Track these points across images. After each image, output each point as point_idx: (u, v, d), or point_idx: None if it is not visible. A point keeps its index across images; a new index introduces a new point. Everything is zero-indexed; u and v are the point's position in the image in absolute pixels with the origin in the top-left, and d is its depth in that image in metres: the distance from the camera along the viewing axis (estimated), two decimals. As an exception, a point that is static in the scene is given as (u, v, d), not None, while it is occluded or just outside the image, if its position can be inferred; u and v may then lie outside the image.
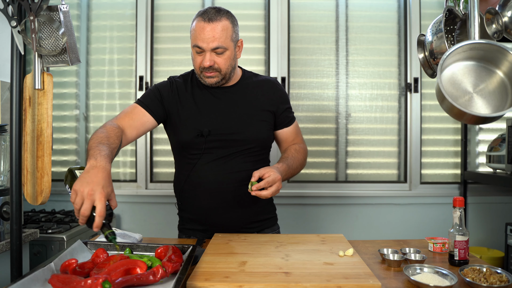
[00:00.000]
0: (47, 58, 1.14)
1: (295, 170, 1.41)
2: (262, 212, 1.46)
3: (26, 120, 1.15)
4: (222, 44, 1.28)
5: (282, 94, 1.48)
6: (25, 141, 1.14)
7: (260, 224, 1.46)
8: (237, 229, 1.40)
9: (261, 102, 1.42)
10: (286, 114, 1.47)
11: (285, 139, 1.51)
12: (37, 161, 1.14)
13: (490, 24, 1.15)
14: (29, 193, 1.15)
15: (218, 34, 1.28)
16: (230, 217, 1.39)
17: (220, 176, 1.36)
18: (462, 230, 1.12)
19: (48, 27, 1.11)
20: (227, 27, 1.31)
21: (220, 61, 1.31)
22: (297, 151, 1.45)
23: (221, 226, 1.39)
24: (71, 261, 0.91)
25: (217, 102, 1.39)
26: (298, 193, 2.45)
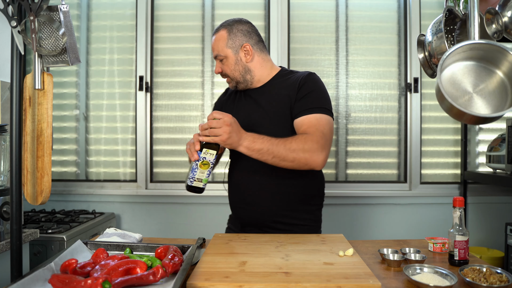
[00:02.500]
0: (47, 58, 1.14)
1: (272, 148, 1.25)
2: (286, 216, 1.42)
3: (26, 120, 1.15)
4: (219, 52, 1.41)
5: (307, 83, 1.38)
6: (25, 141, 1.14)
7: (284, 227, 1.42)
8: (257, 226, 1.44)
9: (283, 99, 1.38)
10: (299, 104, 1.35)
11: (297, 129, 1.36)
12: (37, 161, 1.14)
13: (490, 24, 1.15)
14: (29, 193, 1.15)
15: (215, 44, 1.43)
16: (249, 212, 1.45)
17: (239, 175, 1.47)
18: (462, 230, 1.12)
19: (48, 27, 1.11)
20: (222, 37, 1.41)
21: (225, 68, 1.43)
22: (293, 137, 1.29)
23: (244, 219, 1.47)
24: (71, 261, 0.91)
25: (243, 103, 1.49)
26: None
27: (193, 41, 2.53)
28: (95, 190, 2.48)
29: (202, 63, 2.53)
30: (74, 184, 2.52)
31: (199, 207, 2.47)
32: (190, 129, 2.53)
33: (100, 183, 2.52)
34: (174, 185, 2.51)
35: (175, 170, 2.53)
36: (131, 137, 2.53)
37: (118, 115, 2.54)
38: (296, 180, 1.41)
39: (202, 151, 1.26)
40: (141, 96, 2.50)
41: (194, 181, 1.33)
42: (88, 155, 2.55)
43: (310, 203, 1.46)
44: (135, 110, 2.51)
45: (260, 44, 1.45)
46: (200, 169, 1.31)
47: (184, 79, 2.53)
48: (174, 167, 2.53)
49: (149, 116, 2.52)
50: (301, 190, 1.43)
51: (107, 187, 2.51)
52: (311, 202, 1.47)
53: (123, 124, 2.54)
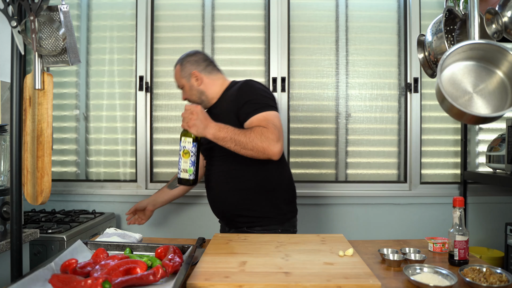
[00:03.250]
0: (47, 58, 1.14)
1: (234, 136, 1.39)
2: (247, 209, 1.58)
3: (26, 120, 1.15)
4: (178, 83, 1.71)
5: (242, 92, 1.55)
6: (25, 141, 1.14)
7: (248, 220, 1.59)
8: (226, 220, 1.67)
9: (229, 108, 1.56)
10: (244, 110, 1.49)
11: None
12: (37, 161, 1.14)
13: (490, 24, 1.15)
14: (29, 193, 1.15)
15: (175, 78, 1.73)
16: (216, 209, 1.68)
17: (209, 175, 1.68)
18: (462, 230, 1.12)
19: (48, 27, 1.11)
20: (177, 71, 1.70)
21: (185, 94, 1.70)
22: (252, 128, 1.43)
23: (218, 215, 1.72)
24: (71, 261, 0.91)
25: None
26: (298, 193, 2.44)
27: (193, 41, 2.53)
28: (95, 190, 2.48)
29: (202, 63, 2.53)
30: (74, 184, 2.52)
31: (199, 207, 2.47)
32: (190, 129, 2.53)
33: (100, 183, 2.52)
34: (174, 185, 2.50)
35: (175, 170, 2.53)
36: (131, 137, 2.53)
37: (118, 115, 2.54)
38: (255, 176, 1.57)
39: (181, 140, 1.42)
40: (141, 96, 2.50)
41: (181, 172, 1.44)
42: (88, 155, 2.55)
43: (272, 197, 1.59)
44: (135, 110, 2.51)
45: (209, 67, 1.69)
46: (183, 158, 1.42)
47: (184, 79, 2.53)
48: (174, 167, 2.53)
49: (149, 116, 2.52)
50: (259, 184, 1.57)
51: (107, 187, 2.51)
52: (272, 195, 1.60)
53: (123, 124, 2.54)
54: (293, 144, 2.51)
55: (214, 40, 2.53)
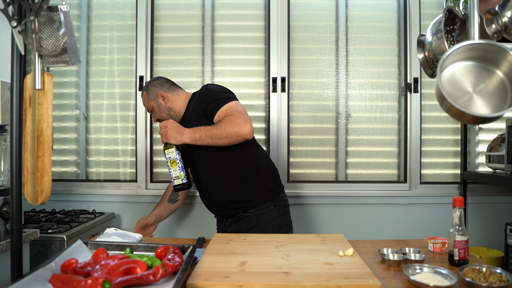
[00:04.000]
0: (47, 58, 1.14)
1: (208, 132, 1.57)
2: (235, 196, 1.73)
3: (26, 120, 1.15)
4: (147, 107, 1.88)
5: (201, 96, 1.73)
6: (25, 141, 1.14)
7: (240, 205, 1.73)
8: (221, 211, 1.81)
9: (196, 113, 1.72)
10: (209, 109, 1.67)
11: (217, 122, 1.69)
12: (37, 161, 1.14)
13: (490, 24, 1.15)
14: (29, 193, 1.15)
15: (143, 103, 1.91)
16: (209, 203, 1.83)
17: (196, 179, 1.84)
18: (462, 230, 1.12)
19: (48, 27, 1.11)
20: (144, 96, 1.88)
21: (156, 115, 1.86)
22: (221, 120, 1.61)
23: (212, 209, 1.86)
24: (71, 261, 0.91)
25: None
26: (298, 193, 2.45)
27: (193, 41, 2.53)
28: (95, 190, 2.48)
29: (202, 63, 2.53)
30: (74, 184, 2.52)
31: (199, 207, 2.47)
32: (190, 129, 2.53)
33: (100, 183, 2.52)
34: (174, 185, 2.50)
35: (175, 170, 2.53)
36: (131, 137, 2.54)
37: (118, 115, 2.54)
38: (234, 165, 1.71)
39: (165, 152, 1.60)
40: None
41: (174, 180, 1.63)
42: (88, 155, 2.55)
43: (256, 178, 1.73)
44: (135, 110, 2.51)
45: (172, 87, 1.88)
46: (172, 168, 1.61)
47: (184, 79, 2.53)
48: (174, 167, 2.53)
49: (149, 116, 2.52)
50: (241, 171, 1.71)
51: (107, 187, 2.51)
52: (256, 177, 1.74)
53: (123, 124, 2.54)
54: (293, 144, 2.51)
55: (214, 40, 2.53)
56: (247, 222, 1.70)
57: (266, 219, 1.70)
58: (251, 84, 2.52)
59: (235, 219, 1.75)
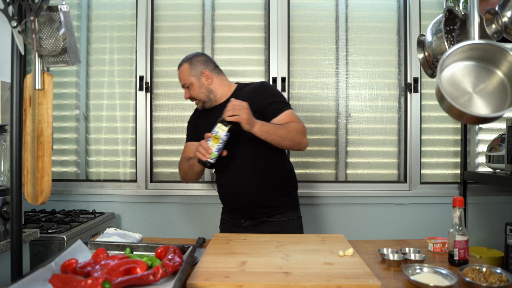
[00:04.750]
0: (47, 58, 1.14)
1: (276, 129, 1.55)
2: (267, 199, 1.68)
3: (26, 120, 1.15)
4: (185, 81, 1.74)
5: (265, 91, 1.71)
6: (25, 141, 1.14)
7: (268, 210, 1.69)
8: (244, 211, 1.71)
9: (251, 106, 1.62)
10: (272, 108, 1.65)
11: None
12: (37, 161, 1.14)
13: (490, 24, 1.15)
14: (30, 193, 1.15)
15: (181, 76, 1.76)
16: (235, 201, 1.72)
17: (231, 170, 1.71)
18: (462, 230, 1.12)
19: (48, 27, 1.11)
20: (185, 69, 1.74)
21: (191, 92, 1.74)
22: (285, 124, 1.61)
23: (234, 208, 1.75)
24: (71, 261, 0.91)
25: (214, 117, 1.67)
26: (298, 193, 2.45)
27: (193, 41, 2.53)
28: (95, 190, 2.48)
29: (202, 63, 2.53)
30: (74, 184, 2.52)
31: (199, 207, 2.47)
32: (190, 129, 2.53)
33: (100, 183, 2.52)
34: (174, 185, 2.51)
35: (175, 170, 2.53)
36: (131, 137, 2.54)
37: (118, 115, 2.54)
38: (273, 169, 1.70)
39: (217, 125, 1.51)
40: (141, 96, 2.50)
41: None
42: (88, 155, 2.55)
43: (287, 186, 1.75)
44: (135, 110, 2.51)
45: (216, 69, 1.79)
46: (211, 142, 1.52)
47: (184, 79, 2.53)
48: (174, 167, 2.53)
49: (149, 116, 2.52)
50: (279, 176, 1.72)
51: (107, 187, 2.51)
52: (287, 185, 1.75)
53: (123, 124, 2.54)
54: (293, 144, 2.51)
55: (214, 40, 2.53)
56: (270, 227, 1.68)
57: (290, 226, 1.71)
58: (251, 84, 2.52)
59: (256, 222, 1.71)
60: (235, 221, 1.76)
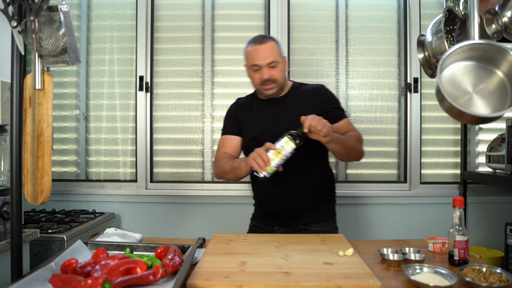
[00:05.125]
0: (47, 58, 1.14)
1: (346, 141, 1.50)
2: (310, 208, 1.61)
3: (26, 120, 1.15)
4: (274, 59, 1.56)
5: (326, 96, 1.65)
6: (25, 141, 1.14)
7: (307, 218, 1.61)
8: (283, 218, 1.61)
9: (306, 107, 1.57)
10: (333, 113, 1.60)
11: (337, 131, 1.56)
12: (37, 161, 1.14)
13: (490, 24, 1.15)
14: (30, 193, 1.15)
15: (270, 52, 1.56)
16: (276, 206, 1.61)
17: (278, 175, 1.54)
18: (462, 230, 1.12)
19: (49, 27, 1.11)
20: (275, 46, 1.58)
21: (275, 73, 1.57)
22: (347, 134, 1.57)
23: (271, 213, 1.63)
24: (71, 261, 0.91)
25: (269, 111, 1.64)
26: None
27: (193, 41, 2.53)
28: (95, 190, 2.48)
29: (202, 63, 2.53)
30: (74, 184, 2.52)
31: (199, 207, 2.47)
32: (190, 129, 2.53)
33: (100, 183, 2.52)
34: (174, 185, 2.51)
35: (175, 170, 2.53)
36: (131, 137, 2.54)
37: (118, 115, 2.54)
38: (318, 175, 1.64)
39: (284, 139, 1.37)
40: (141, 96, 2.50)
41: None
42: (88, 155, 2.55)
43: (328, 195, 1.68)
44: (135, 110, 2.51)
45: None
46: (272, 155, 1.36)
47: (184, 79, 2.53)
48: (174, 167, 2.53)
49: (149, 116, 2.52)
50: (324, 183, 1.66)
51: (107, 187, 2.51)
52: (329, 193, 1.68)
53: (123, 124, 2.54)
54: (293, 144, 2.51)
55: (214, 40, 2.53)
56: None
57: None
58: (251, 84, 2.51)
59: (291, 229, 1.60)
60: (268, 227, 1.64)
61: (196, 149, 2.53)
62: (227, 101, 2.53)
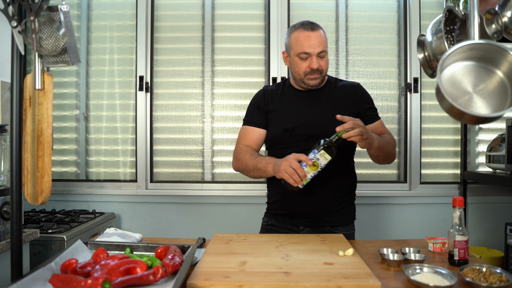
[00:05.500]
0: (47, 58, 1.14)
1: (383, 142, 1.46)
2: (338, 209, 1.55)
3: (26, 120, 1.15)
4: (324, 48, 1.49)
5: (363, 95, 1.61)
6: (25, 141, 1.14)
7: (334, 219, 1.55)
8: (310, 218, 1.53)
9: (342, 103, 1.55)
10: (369, 113, 1.57)
11: (373, 131, 1.53)
12: (37, 161, 1.14)
13: (490, 24, 1.15)
14: (30, 193, 1.15)
15: (320, 39, 1.47)
16: (305, 205, 1.52)
17: None
18: (462, 230, 1.12)
19: (49, 27, 1.11)
20: (324, 35, 1.51)
21: (323, 63, 1.50)
22: (384, 137, 1.53)
23: (297, 212, 1.54)
24: (71, 261, 0.91)
25: (304, 103, 1.56)
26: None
27: (193, 41, 2.53)
28: (95, 190, 2.48)
29: (202, 63, 2.53)
30: (74, 184, 2.52)
31: (199, 207, 2.47)
32: (190, 129, 2.53)
33: (100, 183, 2.52)
34: (174, 185, 2.51)
35: (175, 170, 2.53)
36: (131, 137, 2.54)
37: (118, 115, 2.54)
38: (350, 177, 1.61)
39: (320, 152, 1.31)
40: (141, 96, 2.50)
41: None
42: (88, 155, 2.55)
43: (352, 197, 1.63)
44: (135, 110, 2.51)
45: None
46: (308, 168, 1.32)
47: (184, 79, 2.53)
48: (174, 167, 2.54)
49: (149, 116, 2.52)
50: (351, 184, 1.62)
51: (107, 187, 2.51)
52: (353, 195, 1.64)
53: (123, 124, 2.54)
54: (293, 144, 2.50)
55: (214, 40, 2.53)
56: None
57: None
58: (251, 84, 2.52)
59: (318, 230, 1.54)
60: (292, 227, 1.56)
61: (196, 149, 2.53)
62: (227, 101, 2.53)
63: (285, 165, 1.32)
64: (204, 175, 2.53)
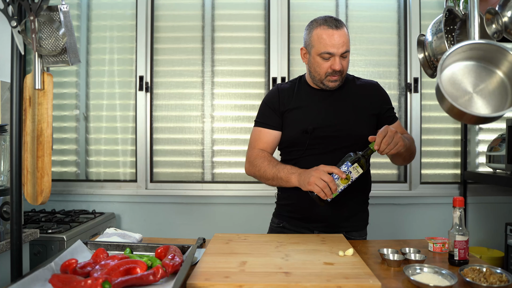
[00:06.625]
0: (47, 58, 1.14)
1: (409, 143, 1.41)
2: (354, 214, 1.51)
3: (26, 120, 1.15)
4: (348, 48, 1.39)
5: (383, 95, 1.55)
6: (25, 141, 1.14)
7: (351, 224, 1.51)
8: (327, 223, 1.47)
9: (363, 103, 1.48)
10: (389, 114, 1.53)
11: None
12: (37, 161, 1.14)
13: (490, 24, 1.15)
14: (29, 193, 1.15)
15: (345, 39, 1.37)
16: (323, 210, 1.44)
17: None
18: (462, 230, 1.12)
19: (48, 27, 1.11)
20: (346, 34, 1.39)
21: (345, 64, 1.41)
22: (408, 137, 1.49)
23: (314, 217, 1.47)
24: (71, 261, 0.91)
25: (321, 103, 1.48)
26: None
27: (193, 41, 2.53)
28: (95, 190, 2.48)
29: (202, 63, 2.53)
30: (74, 184, 2.52)
31: (199, 207, 2.47)
32: (190, 129, 2.53)
33: (100, 183, 2.52)
34: (174, 185, 2.51)
35: (175, 170, 2.53)
36: (131, 137, 2.53)
37: (118, 115, 2.54)
38: (366, 181, 1.54)
39: (353, 165, 1.29)
40: (141, 96, 2.50)
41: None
42: (88, 155, 2.55)
43: (367, 202, 1.59)
44: (135, 110, 2.51)
45: None
46: (339, 181, 1.29)
47: (184, 79, 2.53)
48: (174, 167, 2.53)
49: (149, 116, 2.52)
50: (367, 189, 1.57)
51: (107, 187, 2.51)
52: (367, 201, 1.59)
53: (123, 124, 2.54)
54: (293, 144, 2.50)
55: (214, 40, 2.53)
56: None
57: None
58: (251, 84, 2.52)
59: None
60: (305, 231, 1.49)
61: (196, 149, 2.53)
62: (227, 101, 2.53)
63: (316, 178, 1.26)
64: (204, 175, 2.53)
